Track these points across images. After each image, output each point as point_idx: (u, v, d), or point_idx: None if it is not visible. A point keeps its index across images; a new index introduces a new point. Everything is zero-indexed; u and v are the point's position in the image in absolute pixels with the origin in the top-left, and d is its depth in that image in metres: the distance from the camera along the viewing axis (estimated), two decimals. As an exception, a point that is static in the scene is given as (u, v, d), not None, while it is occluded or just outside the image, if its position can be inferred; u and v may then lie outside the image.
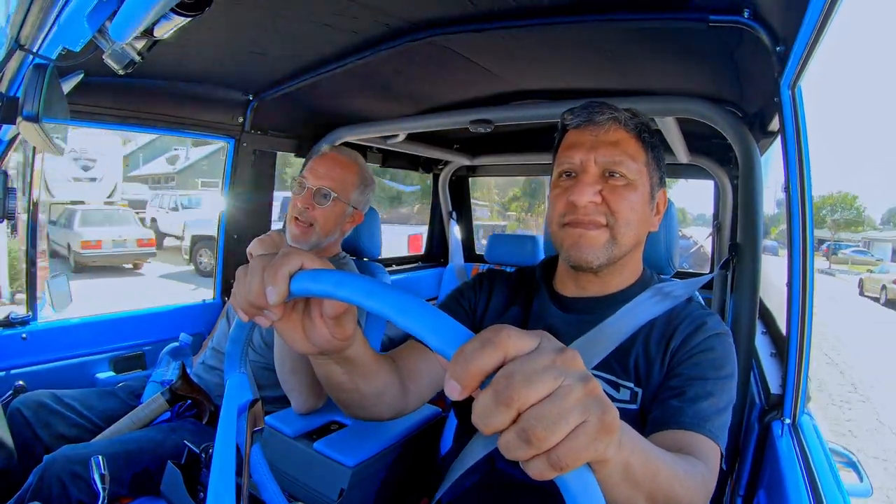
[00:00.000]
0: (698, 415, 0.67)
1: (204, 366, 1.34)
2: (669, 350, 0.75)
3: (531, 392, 0.29)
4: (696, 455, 0.62)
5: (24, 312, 1.46)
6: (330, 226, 1.28)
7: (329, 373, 0.61)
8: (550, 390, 0.30)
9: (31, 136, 0.86)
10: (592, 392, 0.31)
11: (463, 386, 0.31)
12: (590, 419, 0.30)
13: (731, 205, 1.80)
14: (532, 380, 0.30)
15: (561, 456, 0.30)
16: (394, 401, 0.73)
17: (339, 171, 1.29)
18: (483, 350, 0.31)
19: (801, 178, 0.84)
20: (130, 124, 1.49)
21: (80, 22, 0.65)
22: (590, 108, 0.79)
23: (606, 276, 0.82)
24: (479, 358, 0.30)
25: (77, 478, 0.94)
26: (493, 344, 0.31)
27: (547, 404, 0.30)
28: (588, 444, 0.30)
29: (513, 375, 0.30)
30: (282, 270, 0.41)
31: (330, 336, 0.50)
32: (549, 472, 0.30)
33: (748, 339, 1.10)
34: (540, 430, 0.29)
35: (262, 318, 0.45)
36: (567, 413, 0.30)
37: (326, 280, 0.39)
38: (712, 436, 0.66)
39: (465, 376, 0.31)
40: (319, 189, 1.25)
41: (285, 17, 1.05)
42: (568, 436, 0.30)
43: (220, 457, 0.46)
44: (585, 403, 0.31)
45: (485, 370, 0.31)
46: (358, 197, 1.33)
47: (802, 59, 0.75)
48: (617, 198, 0.77)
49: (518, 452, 0.30)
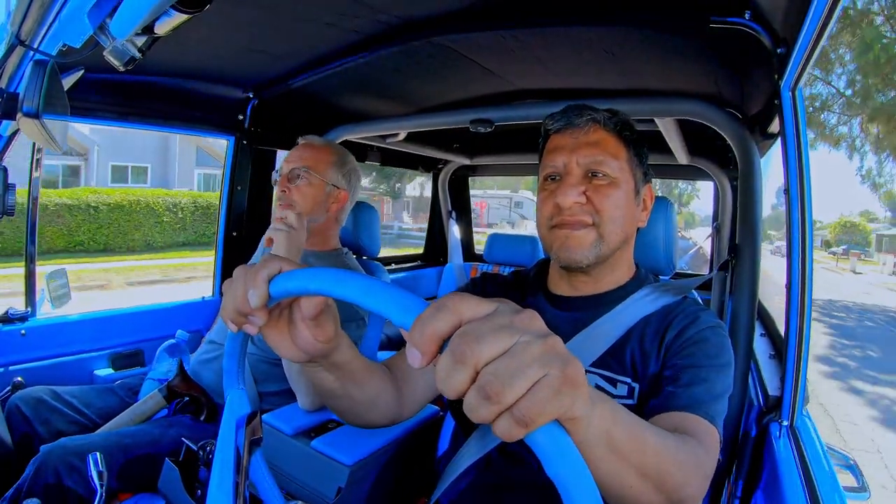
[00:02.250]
0: (692, 398, 0.66)
1: (199, 360, 1.34)
2: (664, 343, 0.75)
3: (485, 348, 0.30)
4: (692, 435, 0.61)
5: (23, 308, 1.46)
6: (309, 203, 1.28)
7: (320, 380, 0.62)
8: (506, 347, 0.30)
9: (32, 132, 0.86)
10: (553, 347, 0.31)
11: (421, 351, 0.32)
12: (551, 372, 0.30)
13: (731, 206, 1.80)
14: (486, 336, 0.30)
15: (524, 411, 0.29)
16: (388, 408, 0.73)
17: (310, 151, 1.32)
18: (437, 314, 0.32)
19: (800, 180, 0.84)
20: (130, 121, 1.49)
21: (80, 18, 0.65)
22: (569, 112, 0.82)
23: (598, 275, 0.83)
24: (433, 322, 0.31)
25: (74, 469, 0.94)
26: (446, 308, 0.32)
27: (504, 359, 0.30)
28: (550, 397, 0.30)
29: (466, 334, 0.30)
30: (261, 274, 0.44)
31: (313, 339, 0.52)
32: (515, 429, 0.30)
33: (747, 341, 1.10)
34: (497, 384, 0.29)
35: (249, 326, 0.46)
36: (525, 367, 0.30)
37: (300, 277, 0.42)
38: (708, 417, 0.65)
39: (421, 341, 0.31)
40: (293, 170, 1.28)
41: (286, 15, 1.05)
42: (529, 390, 0.30)
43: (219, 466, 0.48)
44: (545, 358, 0.31)
45: (440, 333, 0.31)
46: (335, 175, 1.33)
47: (803, 61, 0.75)
48: (601, 197, 0.78)
49: (481, 411, 0.30)
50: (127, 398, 1.35)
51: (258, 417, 0.51)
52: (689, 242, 5.93)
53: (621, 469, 0.45)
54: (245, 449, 0.49)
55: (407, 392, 0.76)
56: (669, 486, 0.50)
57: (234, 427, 0.50)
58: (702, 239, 5.06)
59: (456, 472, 0.75)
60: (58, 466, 0.94)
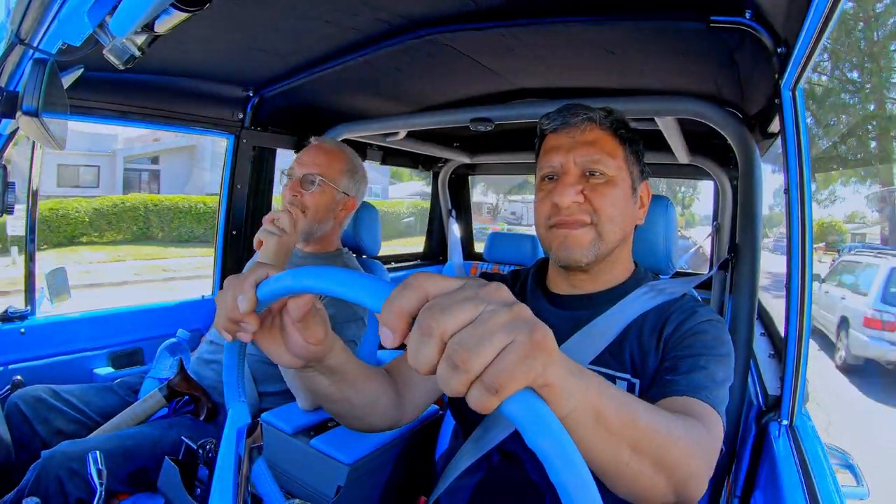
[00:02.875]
0: (692, 383, 0.65)
1: (200, 360, 1.34)
2: (663, 338, 0.75)
3: (450, 319, 0.30)
4: (693, 417, 0.59)
5: (22, 307, 1.46)
6: (321, 211, 1.28)
7: (316, 385, 0.62)
8: (471, 317, 0.31)
9: (31, 131, 0.86)
10: (519, 314, 0.32)
11: (391, 329, 0.32)
12: (517, 338, 0.30)
13: (731, 205, 1.80)
14: (450, 307, 0.31)
15: (493, 377, 0.29)
16: (387, 410, 0.73)
17: (325, 157, 1.30)
18: (403, 292, 0.33)
19: (800, 180, 0.84)
20: (130, 119, 1.49)
21: (80, 17, 0.65)
22: (565, 112, 0.82)
23: (597, 273, 0.83)
24: (399, 300, 0.32)
25: (74, 474, 0.94)
26: (411, 286, 0.33)
27: (469, 328, 0.30)
28: (519, 361, 0.30)
29: (432, 307, 0.31)
30: (248, 280, 0.45)
31: (304, 342, 0.52)
32: (487, 398, 0.30)
33: (746, 340, 1.10)
34: (462, 352, 0.29)
35: (242, 334, 0.47)
36: (489, 334, 0.30)
37: (284, 278, 0.43)
38: (709, 401, 0.63)
39: (390, 319, 0.32)
40: (306, 176, 1.27)
41: (286, 14, 1.04)
42: (497, 357, 0.30)
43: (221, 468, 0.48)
44: (511, 325, 0.31)
45: (408, 310, 0.32)
46: (347, 183, 1.33)
47: (803, 61, 0.75)
48: (598, 196, 0.78)
49: (451, 382, 0.30)
50: (126, 397, 1.35)
51: (259, 428, 0.52)
52: (689, 242, 5.94)
53: (613, 444, 0.43)
54: (246, 457, 0.50)
55: (407, 396, 0.77)
56: (668, 463, 0.49)
57: (236, 439, 0.51)
58: (701, 238, 5.06)
59: (455, 472, 0.75)
60: (59, 472, 0.94)
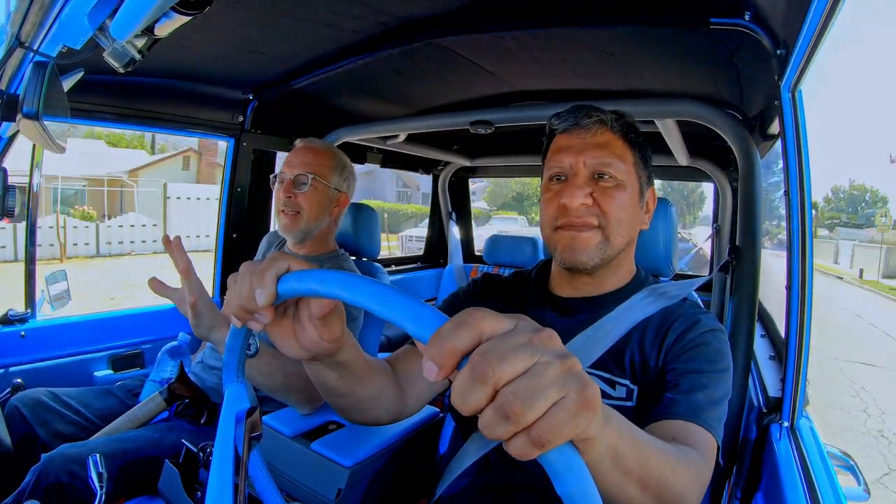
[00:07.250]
0: (692, 406, 0.67)
1: (202, 365, 1.34)
2: (664, 347, 0.75)
3: (506, 368, 0.29)
4: (691, 445, 0.62)
5: (22, 310, 1.46)
6: (316, 210, 1.30)
7: (324, 379, 0.61)
8: (527, 367, 0.30)
9: (32, 134, 0.86)
10: (571, 368, 0.31)
11: (439, 366, 0.31)
12: (569, 394, 0.30)
13: (731, 207, 1.80)
14: (507, 356, 0.30)
15: (541, 432, 0.29)
16: (391, 404, 0.73)
17: (313, 156, 1.32)
18: (457, 330, 0.31)
19: (800, 182, 0.84)
20: (130, 122, 1.49)
21: (80, 20, 0.65)
22: (576, 112, 0.81)
23: (601, 277, 0.83)
24: (453, 338, 0.31)
25: (75, 477, 0.94)
26: (467, 324, 0.31)
27: (524, 380, 0.30)
28: (568, 419, 0.30)
29: (488, 353, 0.30)
30: (269, 273, 0.42)
31: (319, 338, 0.51)
32: (530, 449, 0.30)
33: (747, 342, 1.10)
34: (517, 405, 0.29)
35: (254, 323, 0.45)
36: (544, 388, 0.30)
37: (311, 278, 0.40)
38: (707, 426, 0.65)
39: (440, 356, 0.31)
40: (297, 176, 1.29)
41: (286, 17, 1.05)
42: (547, 411, 0.29)
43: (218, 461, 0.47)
44: (564, 379, 0.30)
45: (460, 349, 0.31)
46: (338, 179, 1.35)
47: (803, 63, 0.75)
48: (607, 199, 0.78)
49: (498, 430, 0.30)
50: (126, 400, 1.34)
51: (258, 412, 0.50)
52: (689, 244, 5.93)
53: (625, 482, 0.45)
54: (245, 444, 0.48)
55: (409, 390, 0.76)
56: (668, 498, 0.51)
57: (234, 422, 0.49)
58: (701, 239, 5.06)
59: (456, 473, 0.75)
60: (59, 475, 0.94)
